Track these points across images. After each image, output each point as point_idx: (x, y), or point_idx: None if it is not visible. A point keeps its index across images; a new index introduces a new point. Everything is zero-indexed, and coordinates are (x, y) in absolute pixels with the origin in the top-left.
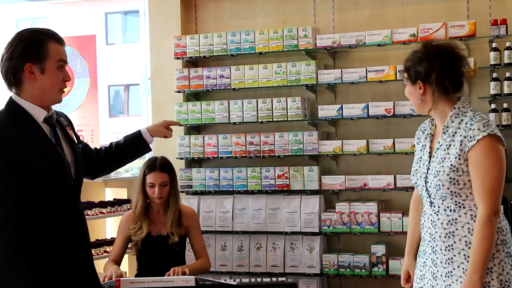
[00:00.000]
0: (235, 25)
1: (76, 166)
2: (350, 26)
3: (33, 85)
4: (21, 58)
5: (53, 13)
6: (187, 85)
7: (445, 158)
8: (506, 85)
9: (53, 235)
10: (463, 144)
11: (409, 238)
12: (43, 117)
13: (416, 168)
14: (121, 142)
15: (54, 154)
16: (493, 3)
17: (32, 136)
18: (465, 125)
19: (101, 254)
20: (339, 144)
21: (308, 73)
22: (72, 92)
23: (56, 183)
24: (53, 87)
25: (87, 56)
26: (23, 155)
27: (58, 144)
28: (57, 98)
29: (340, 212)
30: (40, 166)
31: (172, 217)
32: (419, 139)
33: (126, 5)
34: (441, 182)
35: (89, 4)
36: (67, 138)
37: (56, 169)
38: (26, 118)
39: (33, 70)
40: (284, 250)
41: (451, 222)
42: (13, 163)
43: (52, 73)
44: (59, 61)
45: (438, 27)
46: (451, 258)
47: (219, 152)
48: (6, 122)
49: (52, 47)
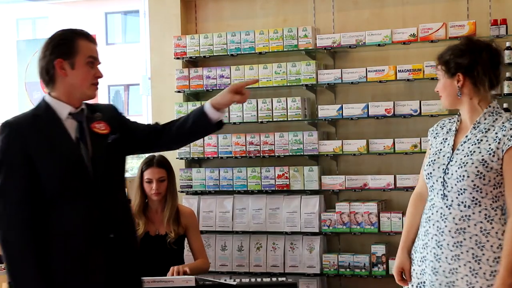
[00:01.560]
0: (235, 25)
1: (103, 163)
2: (350, 26)
3: (64, 81)
4: (52, 55)
5: (53, 13)
6: (187, 85)
7: (475, 151)
8: (506, 85)
9: (67, 231)
10: (501, 142)
11: (405, 233)
12: (67, 112)
13: (433, 159)
14: (184, 119)
15: (69, 150)
16: (493, 3)
17: (49, 131)
18: (503, 125)
19: None
20: (339, 144)
21: (308, 73)
22: None
23: (71, 178)
24: (84, 82)
25: None
26: (36, 149)
27: (81, 139)
28: (90, 93)
29: (340, 212)
30: (53, 161)
31: (169, 213)
32: (437, 133)
33: (126, 5)
34: (467, 173)
35: (89, 4)
36: (95, 134)
37: (70, 164)
38: (48, 114)
39: (63, 65)
40: (284, 250)
41: (464, 218)
42: (26, 156)
43: (82, 68)
44: (89, 57)
45: (438, 27)
46: (457, 255)
47: (219, 152)
48: (26, 117)
49: (82, 43)
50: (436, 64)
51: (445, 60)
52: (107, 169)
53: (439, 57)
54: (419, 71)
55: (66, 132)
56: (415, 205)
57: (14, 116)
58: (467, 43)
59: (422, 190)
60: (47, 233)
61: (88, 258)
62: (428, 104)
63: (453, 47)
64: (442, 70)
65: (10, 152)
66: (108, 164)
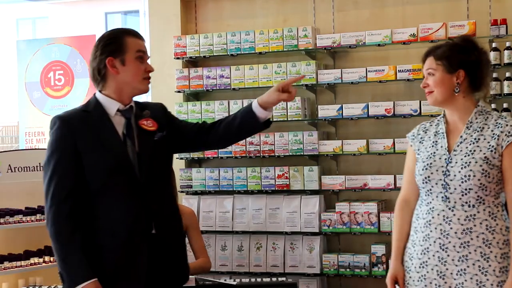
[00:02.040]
0: (235, 25)
1: (150, 159)
2: (350, 26)
3: (116, 79)
4: (102, 55)
5: (53, 13)
6: (187, 85)
7: (475, 150)
8: (506, 85)
9: (110, 226)
10: (500, 139)
11: (396, 241)
12: (115, 109)
13: (429, 163)
14: (232, 118)
15: (116, 145)
16: (493, 3)
17: (97, 126)
18: (496, 122)
19: None
20: (339, 144)
21: (308, 73)
22: (72, 92)
23: (116, 173)
24: (136, 76)
25: (87, 56)
26: (84, 143)
27: (128, 136)
28: (143, 87)
29: (340, 212)
30: (100, 155)
31: None
32: (422, 138)
33: (126, 5)
34: (473, 173)
35: (89, 4)
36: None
37: (116, 159)
38: (97, 110)
39: (114, 63)
40: (284, 250)
41: (469, 218)
42: (73, 150)
43: (133, 63)
44: (138, 51)
45: (438, 27)
46: (465, 256)
47: (219, 152)
48: (76, 112)
49: (130, 40)
50: (435, 59)
51: (446, 56)
52: (152, 166)
53: (435, 52)
54: (419, 71)
55: (113, 128)
56: (403, 212)
57: (64, 111)
58: (470, 41)
59: (408, 197)
60: (92, 227)
61: (130, 254)
62: (428, 104)
63: (453, 44)
64: (442, 65)
65: (60, 145)
66: (153, 161)
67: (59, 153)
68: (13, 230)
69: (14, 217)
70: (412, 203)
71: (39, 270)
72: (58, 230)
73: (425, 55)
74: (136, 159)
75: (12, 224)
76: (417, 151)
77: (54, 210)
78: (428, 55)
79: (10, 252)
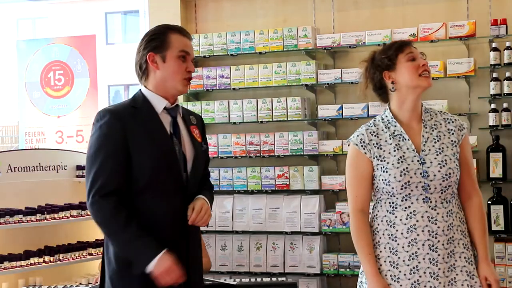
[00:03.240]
0: (235, 25)
1: (194, 161)
2: (350, 26)
3: (156, 75)
4: (145, 49)
5: (53, 13)
6: None
7: (443, 148)
8: (506, 85)
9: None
10: (455, 133)
11: (370, 255)
12: (163, 106)
13: (404, 167)
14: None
15: (165, 143)
16: (493, 3)
17: (146, 123)
18: (443, 118)
19: (100, 254)
20: (339, 144)
21: (308, 73)
22: (72, 92)
23: (164, 171)
24: (175, 75)
25: (87, 56)
26: (134, 139)
27: (175, 134)
28: (181, 87)
29: (340, 212)
30: (149, 152)
31: None
32: (376, 143)
33: (126, 5)
34: (451, 170)
35: (89, 4)
36: (190, 134)
37: (164, 157)
38: (145, 106)
39: (155, 59)
40: (284, 250)
41: (449, 213)
42: (123, 144)
43: (173, 61)
44: (181, 51)
45: (438, 27)
46: (452, 251)
47: (219, 152)
48: (124, 107)
49: (174, 37)
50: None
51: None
52: (196, 168)
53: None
54: None
55: (162, 127)
56: (364, 223)
57: (112, 104)
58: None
59: (364, 206)
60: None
61: (172, 250)
62: (428, 104)
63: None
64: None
65: (109, 139)
66: (197, 164)
67: (108, 148)
68: (13, 230)
69: (14, 217)
70: (367, 211)
71: (39, 270)
72: (109, 220)
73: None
74: (182, 159)
75: (12, 224)
76: (377, 158)
77: (99, 206)
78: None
79: (10, 252)
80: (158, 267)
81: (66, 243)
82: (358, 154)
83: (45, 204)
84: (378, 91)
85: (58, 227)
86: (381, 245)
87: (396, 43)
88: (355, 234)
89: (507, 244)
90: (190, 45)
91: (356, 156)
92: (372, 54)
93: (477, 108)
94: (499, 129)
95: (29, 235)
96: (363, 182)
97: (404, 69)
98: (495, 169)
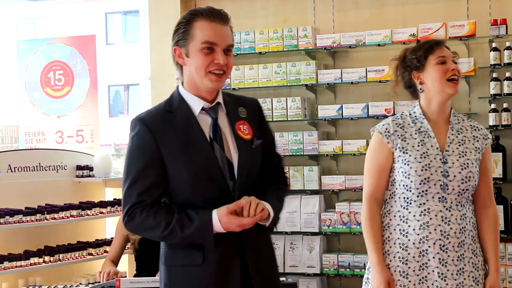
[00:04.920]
0: (235, 25)
1: (240, 166)
2: (350, 26)
3: (185, 71)
4: (172, 43)
5: (53, 13)
6: None
7: (466, 152)
8: (506, 85)
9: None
10: (479, 141)
11: (378, 245)
12: (200, 108)
13: (427, 163)
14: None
15: (203, 151)
16: (493, 3)
17: (182, 130)
18: (470, 124)
19: (100, 254)
20: (339, 144)
21: (308, 73)
22: (72, 92)
23: (205, 182)
24: (199, 70)
25: (87, 56)
26: (168, 150)
27: (215, 139)
28: (208, 83)
29: (340, 212)
30: (185, 163)
31: None
32: (401, 135)
33: (126, 5)
34: (472, 174)
35: (89, 4)
36: (235, 134)
37: (204, 167)
38: (181, 109)
39: (181, 54)
40: (284, 250)
41: (463, 217)
42: (157, 157)
43: (196, 55)
44: (204, 43)
45: (438, 27)
46: (462, 254)
47: None
48: (158, 112)
49: (199, 26)
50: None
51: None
52: (248, 176)
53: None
54: None
55: (200, 131)
56: (375, 212)
57: (146, 110)
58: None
59: (378, 195)
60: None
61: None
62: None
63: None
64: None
65: (141, 152)
66: (249, 170)
67: (140, 162)
68: (13, 230)
69: (14, 217)
70: (380, 201)
71: (39, 270)
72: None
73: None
74: (227, 166)
75: (12, 224)
76: (400, 149)
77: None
78: (443, 44)
79: (10, 252)
80: (224, 227)
81: (66, 243)
82: (381, 143)
83: (45, 204)
84: (408, 89)
85: (58, 227)
86: (391, 241)
87: (427, 43)
88: (365, 222)
89: (507, 244)
90: (220, 32)
91: (378, 145)
92: (403, 53)
93: (477, 108)
94: (499, 129)
95: (29, 235)
96: (381, 171)
97: (432, 71)
98: (495, 169)
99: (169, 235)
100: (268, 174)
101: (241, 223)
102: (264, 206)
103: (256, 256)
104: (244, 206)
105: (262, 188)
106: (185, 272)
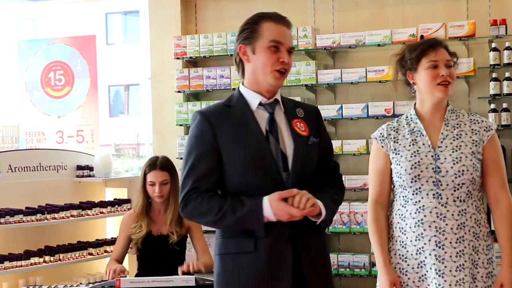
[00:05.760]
0: (235, 25)
1: (294, 158)
2: (350, 26)
3: (248, 68)
4: (237, 41)
5: (53, 13)
6: (187, 85)
7: (461, 146)
8: (505, 85)
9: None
10: (480, 134)
11: (382, 246)
12: (257, 102)
13: (416, 161)
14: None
15: (258, 142)
16: (493, 3)
17: (239, 122)
18: (470, 119)
19: (101, 254)
20: (339, 144)
21: (308, 73)
22: (72, 92)
23: (258, 171)
24: (265, 67)
25: (87, 56)
26: (225, 140)
27: (271, 132)
28: (272, 80)
29: (340, 212)
30: (240, 153)
31: (171, 215)
32: (395, 137)
33: (126, 5)
34: (465, 168)
35: (89, 4)
36: (291, 129)
37: (257, 157)
38: (239, 103)
39: (246, 51)
40: None
41: (462, 212)
42: (212, 147)
43: (262, 52)
44: (271, 41)
45: (438, 27)
46: (462, 251)
47: None
48: (218, 106)
49: (267, 27)
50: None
51: (452, 53)
52: (302, 169)
53: (445, 45)
54: None
55: (256, 124)
56: (379, 215)
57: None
58: None
59: (381, 199)
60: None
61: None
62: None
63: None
64: (453, 62)
65: (199, 140)
66: (304, 164)
67: (197, 150)
68: (13, 230)
69: (14, 217)
70: (385, 204)
71: (39, 270)
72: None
73: (435, 44)
74: (280, 158)
75: (12, 224)
76: (392, 151)
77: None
78: (440, 45)
79: (10, 252)
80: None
81: (67, 243)
82: (377, 148)
83: (46, 204)
84: (407, 87)
85: (58, 227)
86: (393, 239)
87: (424, 43)
88: (370, 225)
89: None
90: (285, 34)
91: (376, 150)
92: (403, 50)
93: (477, 108)
94: (499, 129)
95: (29, 235)
96: (382, 176)
97: (423, 75)
98: None
99: (221, 219)
100: (324, 176)
101: (290, 211)
102: (315, 202)
103: (308, 247)
104: (295, 196)
105: (317, 187)
106: (237, 259)
